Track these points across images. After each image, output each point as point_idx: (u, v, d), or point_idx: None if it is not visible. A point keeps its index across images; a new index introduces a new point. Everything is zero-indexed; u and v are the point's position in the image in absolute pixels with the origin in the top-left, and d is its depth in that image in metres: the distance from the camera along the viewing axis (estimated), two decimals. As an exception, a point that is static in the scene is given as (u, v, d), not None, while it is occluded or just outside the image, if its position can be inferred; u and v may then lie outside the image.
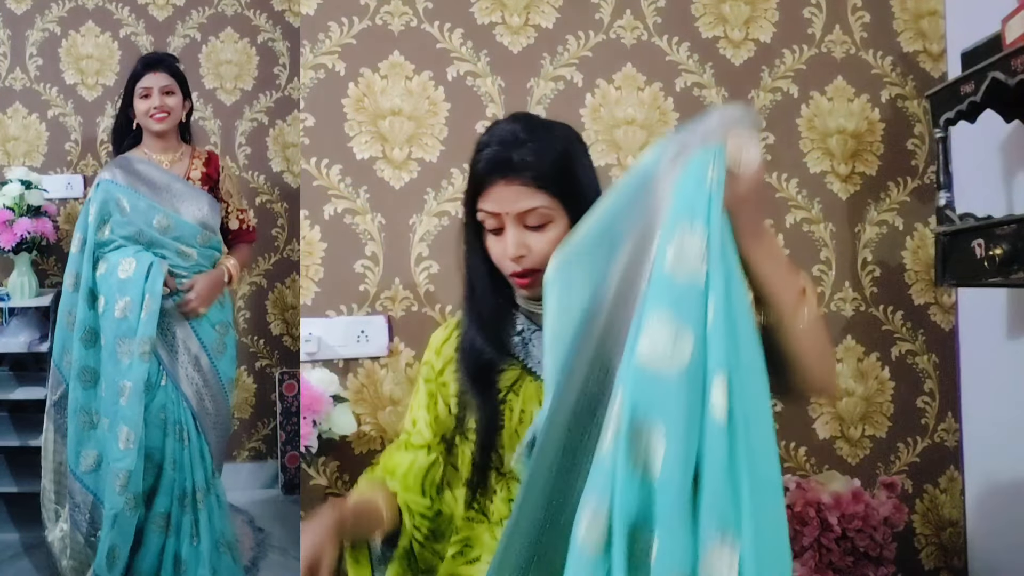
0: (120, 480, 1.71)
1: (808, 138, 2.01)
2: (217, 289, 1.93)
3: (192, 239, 1.91)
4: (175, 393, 1.86)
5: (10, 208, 2.32)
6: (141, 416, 1.75)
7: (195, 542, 1.82)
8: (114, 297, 1.80)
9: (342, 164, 1.86)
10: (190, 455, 1.85)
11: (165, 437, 1.83)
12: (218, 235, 1.98)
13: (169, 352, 1.88)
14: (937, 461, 2.02)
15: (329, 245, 1.85)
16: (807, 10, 2.03)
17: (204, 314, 1.90)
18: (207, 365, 1.93)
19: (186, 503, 1.83)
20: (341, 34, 1.88)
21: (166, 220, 1.88)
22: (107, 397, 1.78)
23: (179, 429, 1.85)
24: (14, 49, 2.68)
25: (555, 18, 1.94)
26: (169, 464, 1.83)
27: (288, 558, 2.29)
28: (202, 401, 1.91)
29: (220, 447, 1.98)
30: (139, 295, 1.78)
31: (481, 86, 1.91)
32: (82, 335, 1.82)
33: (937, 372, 2.03)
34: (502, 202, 1.00)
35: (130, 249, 1.84)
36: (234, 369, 2.04)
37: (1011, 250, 1.41)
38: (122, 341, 1.78)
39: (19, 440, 2.29)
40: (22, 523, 2.31)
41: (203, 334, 1.93)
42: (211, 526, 1.86)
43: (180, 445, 1.84)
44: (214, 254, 1.96)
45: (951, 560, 2.01)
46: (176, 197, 1.92)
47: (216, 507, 1.89)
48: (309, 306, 1.83)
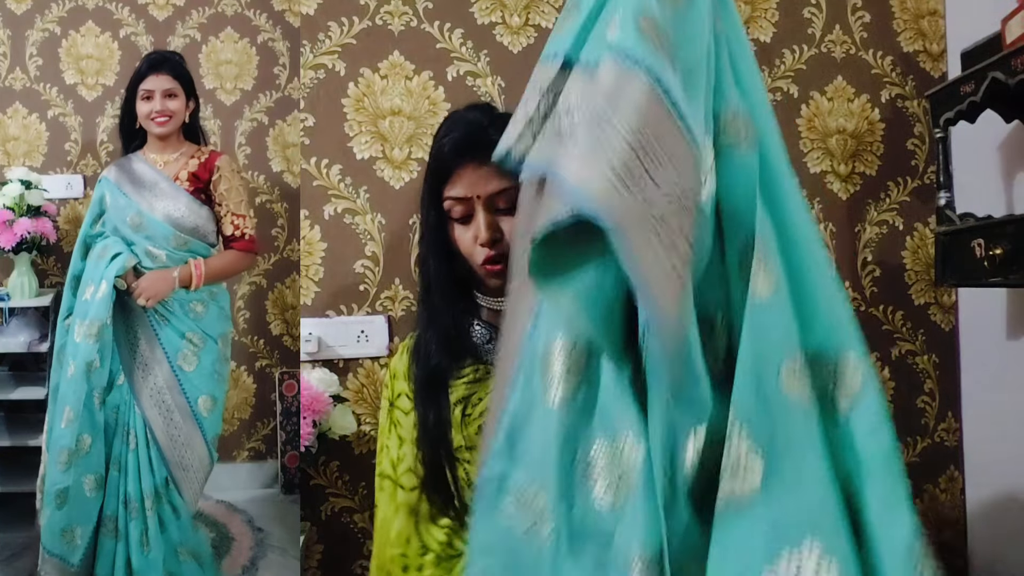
0: (62, 458, 1.72)
1: (808, 138, 2.01)
2: (163, 284, 1.84)
3: (163, 240, 1.87)
4: (129, 396, 1.84)
5: (10, 208, 2.32)
6: (81, 399, 1.74)
7: (146, 551, 1.79)
8: (86, 282, 1.83)
9: (342, 164, 1.86)
10: (137, 460, 1.82)
11: (114, 437, 1.83)
12: (205, 241, 1.94)
13: (129, 352, 1.86)
14: (937, 461, 2.02)
15: (329, 245, 1.85)
16: (807, 10, 2.03)
17: (147, 306, 1.83)
18: (166, 373, 1.87)
19: (131, 509, 1.80)
20: (341, 34, 1.88)
21: (138, 218, 1.88)
22: (60, 376, 1.81)
23: (126, 432, 1.83)
24: (14, 49, 2.68)
25: (555, 18, 1.94)
26: (114, 465, 1.82)
27: (288, 558, 2.29)
28: (159, 409, 1.85)
29: (185, 461, 1.88)
30: (99, 278, 1.80)
31: (481, 86, 1.91)
32: (63, 320, 1.85)
33: (937, 372, 2.03)
34: (472, 185, 0.98)
35: (112, 238, 1.88)
36: (214, 387, 1.93)
37: (1011, 250, 1.41)
38: (80, 322, 1.80)
39: (18, 440, 2.29)
40: (20, 523, 2.31)
41: (165, 340, 1.88)
42: (165, 535, 1.82)
43: (126, 448, 1.82)
44: (191, 259, 1.90)
45: (951, 560, 2.00)
46: (156, 196, 1.90)
47: (172, 518, 1.85)
48: (309, 306, 1.83)
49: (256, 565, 2.25)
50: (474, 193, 0.98)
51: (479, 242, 0.99)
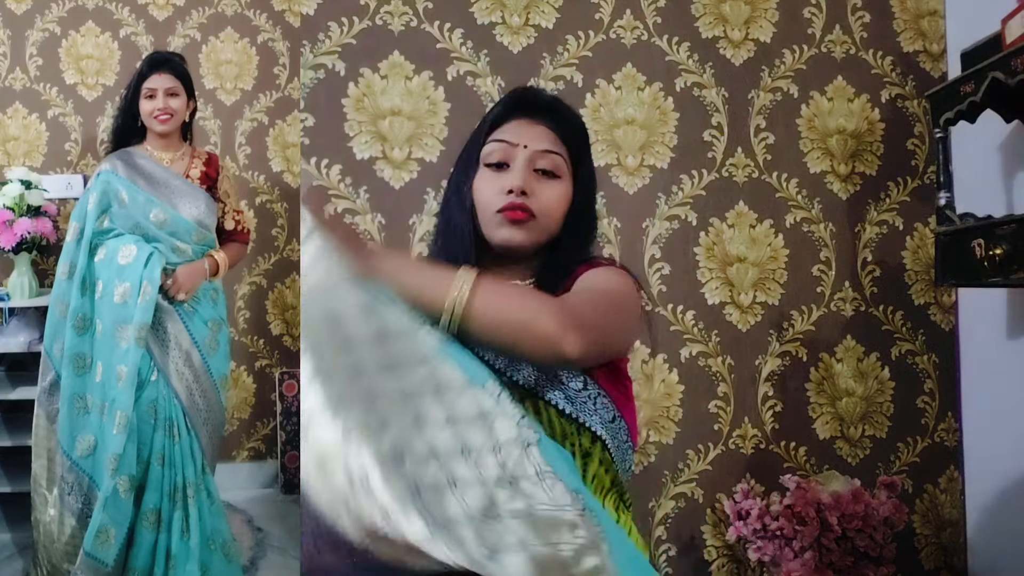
0: (112, 464, 1.73)
1: (808, 138, 2.01)
2: (198, 277, 1.92)
3: (187, 236, 1.93)
4: (166, 389, 1.86)
5: (10, 208, 2.32)
6: (133, 400, 1.77)
7: (185, 537, 1.82)
8: (113, 282, 1.81)
9: (342, 164, 1.86)
10: (180, 451, 1.85)
11: (154, 432, 1.83)
12: (213, 234, 2.01)
13: (160, 347, 1.88)
14: (937, 461, 2.02)
15: (329, 245, 1.84)
16: (807, 10, 2.03)
17: (185, 300, 1.90)
18: (198, 361, 1.93)
19: (177, 499, 1.83)
20: (341, 34, 1.88)
21: (163, 215, 1.90)
22: (103, 382, 1.80)
23: (169, 425, 1.85)
24: (14, 49, 2.68)
25: (555, 18, 1.94)
26: (157, 460, 1.83)
27: (287, 558, 2.29)
28: (193, 397, 1.90)
29: (213, 444, 1.98)
30: (138, 281, 1.79)
31: (481, 86, 1.91)
32: (75, 322, 1.82)
33: (937, 372, 2.03)
34: (522, 135, 0.97)
35: (130, 237, 1.86)
36: (227, 366, 2.04)
37: (1011, 250, 1.41)
38: (121, 327, 1.79)
39: (18, 441, 2.29)
40: (18, 524, 2.31)
41: (195, 330, 1.93)
42: (201, 522, 1.85)
43: (170, 441, 1.85)
44: (205, 251, 1.98)
45: (951, 560, 2.01)
46: (174, 194, 1.94)
47: (207, 503, 1.88)
48: (309, 306, 1.83)
49: (256, 565, 2.24)
50: (521, 142, 0.97)
51: (509, 187, 0.95)
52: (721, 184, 1.97)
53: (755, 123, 1.99)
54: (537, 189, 0.96)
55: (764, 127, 2.00)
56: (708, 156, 1.97)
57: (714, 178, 1.97)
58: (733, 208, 1.97)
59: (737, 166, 1.98)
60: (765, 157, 1.99)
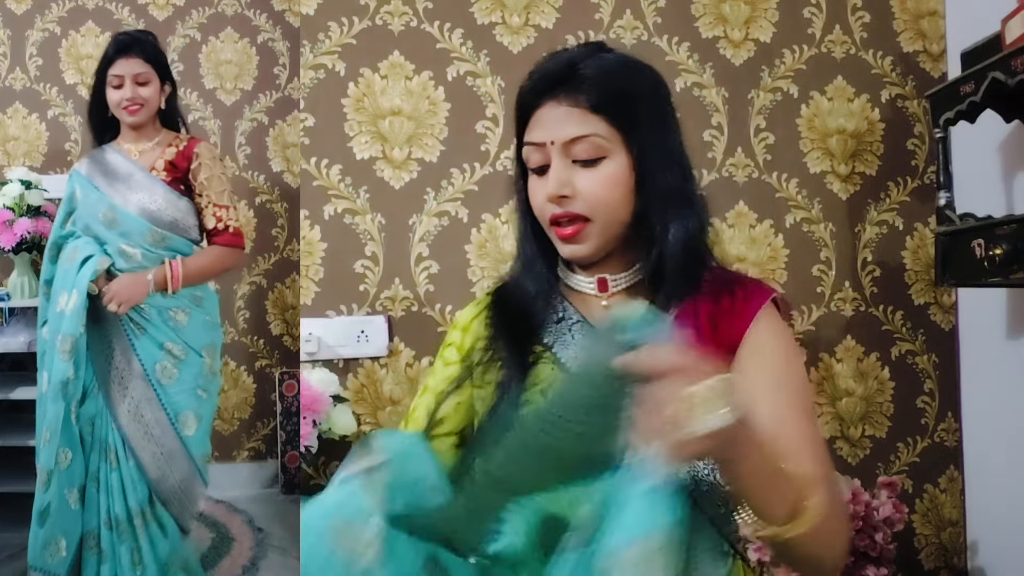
0: (42, 477, 1.62)
1: (808, 138, 2.01)
2: (137, 288, 1.65)
3: (138, 237, 1.68)
4: (104, 409, 1.68)
5: (10, 208, 2.32)
6: (59, 417, 1.61)
7: (138, 570, 1.66)
8: (58, 289, 1.67)
9: (342, 164, 1.86)
10: (120, 479, 1.66)
11: (90, 452, 1.68)
12: (186, 236, 1.75)
13: (105, 365, 1.69)
14: (937, 461, 2.02)
15: (329, 245, 1.85)
16: (807, 10, 2.03)
17: (120, 312, 1.65)
18: (144, 388, 1.69)
19: (121, 531, 1.65)
20: (341, 34, 1.88)
21: (111, 213, 1.69)
22: (44, 393, 1.67)
23: (104, 448, 1.67)
24: (14, 49, 2.69)
25: (555, 18, 1.94)
26: (92, 482, 1.67)
27: (288, 558, 2.29)
28: (145, 427, 1.69)
29: (183, 492, 1.74)
30: (71, 288, 1.63)
31: (481, 86, 1.91)
32: (41, 327, 1.72)
33: (937, 372, 2.03)
34: (548, 127, 0.83)
35: (84, 239, 1.69)
36: (195, 403, 1.74)
37: (1011, 250, 1.41)
38: (59, 337, 1.63)
39: (18, 440, 2.29)
40: (18, 524, 2.30)
41: (143, 353, 1.69)
42: (155, 551, 1.68)
43: (107, 467, 1.66)
44: (172, 257, 1.71)
45: (951, 560, 2.01)
46: (131, 189, 1.71)
47: (160, 535, 1.69)
48: (309, 306, 1.83)
49: (256, 565, 2.25)
50: (548, 138, 0.83)
51: (547, 197, 0.84)
52: (721, 184, 1.97)
53: (755, 123, 1.99)
54: (579, 182, 0.83)
55: (764, 127, 2.00)
56: (708, 156, 1.97)
57: (714, 178, 1.97)
58: (733, 208, 1.97)
59: (737, 166, 1.98)
60: (765, 157, 1.99)
